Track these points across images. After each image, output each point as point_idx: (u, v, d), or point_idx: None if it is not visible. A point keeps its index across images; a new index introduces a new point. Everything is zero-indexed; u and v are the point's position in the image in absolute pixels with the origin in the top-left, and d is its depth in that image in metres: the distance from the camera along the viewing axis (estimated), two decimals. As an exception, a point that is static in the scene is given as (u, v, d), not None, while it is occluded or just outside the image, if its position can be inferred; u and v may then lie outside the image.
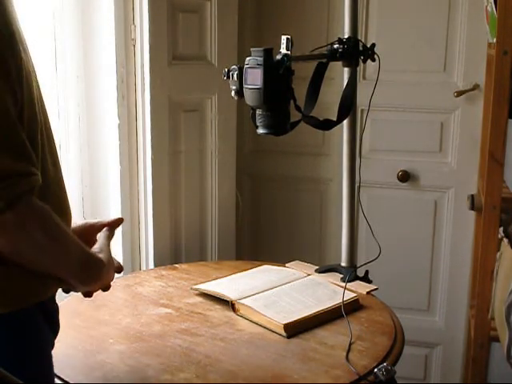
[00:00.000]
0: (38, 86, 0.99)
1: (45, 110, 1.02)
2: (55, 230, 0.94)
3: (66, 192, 1.08)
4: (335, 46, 1.52)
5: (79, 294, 1.10)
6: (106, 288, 1.12)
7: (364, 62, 1.57)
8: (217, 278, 1.66)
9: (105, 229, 1.16)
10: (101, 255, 1.07)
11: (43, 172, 0.94)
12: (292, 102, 1.34)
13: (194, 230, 2.06)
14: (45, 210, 0.92)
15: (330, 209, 2.36)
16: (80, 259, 1.00)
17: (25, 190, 0.88)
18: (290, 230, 2.43)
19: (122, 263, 1.94)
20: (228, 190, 2.13)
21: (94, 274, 1.05)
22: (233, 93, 1.38)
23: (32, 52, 0.98)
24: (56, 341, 1.06)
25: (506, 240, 1.66)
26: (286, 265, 1.78)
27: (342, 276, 1.67)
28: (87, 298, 1.11)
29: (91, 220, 1.23)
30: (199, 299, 1.56)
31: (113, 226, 1.19)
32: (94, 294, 1.18)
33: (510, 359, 1.54)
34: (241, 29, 2.12)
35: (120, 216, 1.88)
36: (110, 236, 1.16)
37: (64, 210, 1.04)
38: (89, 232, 1.17)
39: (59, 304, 1.08)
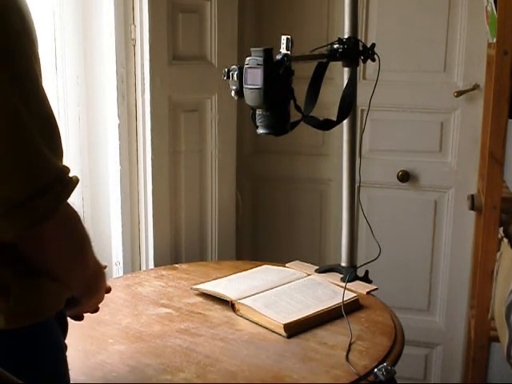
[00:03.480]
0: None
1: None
2: (84, 234, 0.92)
3: None
4: (335, 46, 1.52)
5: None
6: (96, 310, 1.13)
7: (364, 61, 1.57)
8: (217, 278, 1.66)
9: None
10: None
11: None
12: (292, 101, 1.34)
13: (194, 230, 2.06)
14: (77, 213, 0.90)
15: (330, 209, 2.36)
16: (94, 268, 0.98)
17: (72, 190, 0.85)
18: (290, 230, 2.43)
19: (121, 263, 1.95)
20: (228, 190, 2.13)
21: (98, 284, 1.05)
22: (233, 93, 1.38)
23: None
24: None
25: (506, 240, 1.66)
26: (286, 265, 1.78)
27: (341, 276, 1.67)
28: (77, 322, 1.11)
29: None
30: (199, 299, 1.56)
31: None
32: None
33: (510, 359, 1.54)
34: (241, 29, 2.12)
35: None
36: None
37: None
38: None
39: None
